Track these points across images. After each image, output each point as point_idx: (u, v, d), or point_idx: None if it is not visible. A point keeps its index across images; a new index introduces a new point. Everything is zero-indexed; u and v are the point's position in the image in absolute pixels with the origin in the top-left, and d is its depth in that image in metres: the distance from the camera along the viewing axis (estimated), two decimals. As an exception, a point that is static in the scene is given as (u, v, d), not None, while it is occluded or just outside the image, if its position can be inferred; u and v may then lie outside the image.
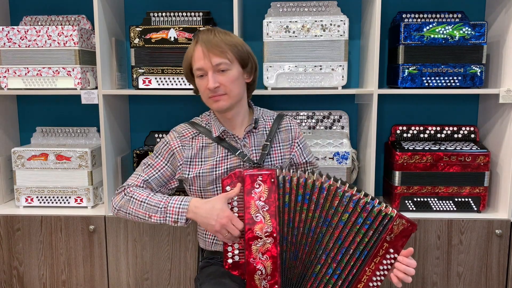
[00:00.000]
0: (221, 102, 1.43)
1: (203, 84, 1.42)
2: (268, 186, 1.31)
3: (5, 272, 2.07)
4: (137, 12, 2.26)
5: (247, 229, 1.31)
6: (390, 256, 1.31)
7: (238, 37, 1.47)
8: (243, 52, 1.44)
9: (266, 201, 1.31)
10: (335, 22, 1.95)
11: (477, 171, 1.98)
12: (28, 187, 2.10)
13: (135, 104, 2.33)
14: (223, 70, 1.40)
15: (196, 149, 1.51)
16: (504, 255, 1.96)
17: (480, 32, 1.94)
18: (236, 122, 1.52)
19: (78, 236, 2.03)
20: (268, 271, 1.32)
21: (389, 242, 1.30)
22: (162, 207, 1.39)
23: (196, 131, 1.54)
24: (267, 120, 1.58)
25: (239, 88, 1.45)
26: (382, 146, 2.25)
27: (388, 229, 1.29)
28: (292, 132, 1.59)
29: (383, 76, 2.23)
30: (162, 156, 1.52)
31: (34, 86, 2.03)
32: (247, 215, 1.31)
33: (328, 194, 1.33)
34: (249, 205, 1.31)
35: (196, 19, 2.05)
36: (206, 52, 1.38)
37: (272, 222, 1.31)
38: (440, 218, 1.96)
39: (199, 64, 1.40)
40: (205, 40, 1.40)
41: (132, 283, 2.05)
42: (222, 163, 1.49)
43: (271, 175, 1.32)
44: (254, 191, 1.31)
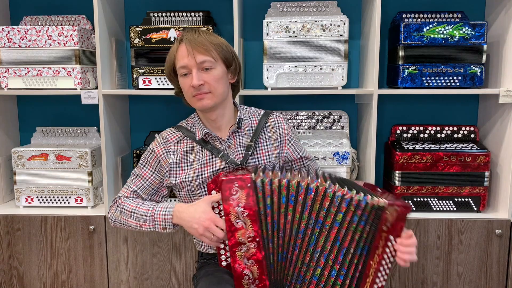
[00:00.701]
0: (205, 101, 1.40)
1: (187, 82, 1.40)
2: (246, 192, 1.28)
3: (5, 272, 2.07)
4: (137, 12, 2.26)
5: (229, 236, 1.29)
6: (392, 243, 1.28)
7: (222, 38, 1.46)
8: (227, 52, 1.43)
9: (245, 207, 1.28)
10: (335, 22, 1.95)
11: (477, 171, 1.98)
12: (28, 187, 2.10)
13: (135, 104, 2.33)
14: (207, 68, 1.38)
15: (181, 154, 1.49)
16: (504, 255, 1.96)
17: (480, 32, 1.94)
18: (221, 123, 1.50)
19: (78, 236, 2.03)
20: (256, 275, 1.31)
21: (387, 231, 1.27)
22: (150, 216, 1.41)
23: (181, 135, 1.51)
24: (253, 119, 1.55)
25: (223, 87, 1.43)
26: (382, 146, 2.25)
27: (383, 219, 1.27)
28: (280, 129, 1.55)
29: (383, 76, 2.23)
30: (149, 164, 1.51)
31: (34, 86, 2.03)
32: (228, 222, 1.29)
33: (316, 195, 1.30)
34: (229, 212, 1.29)
35: (196, 19, 2.05)
36: (191, 50, 1.37)
37: (254, 227, 1.29)
38: (440, 218, 1.96)
39: (183, 62, 1.39)
40: (190, 38, 1.39)
41: (132, 283, 2.05)
42: (208, 167, 1.47)
43: (246, 180, 1.29)
44: (232, 198, 1.28)
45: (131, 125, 2.35)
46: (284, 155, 1.55)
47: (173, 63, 1.44)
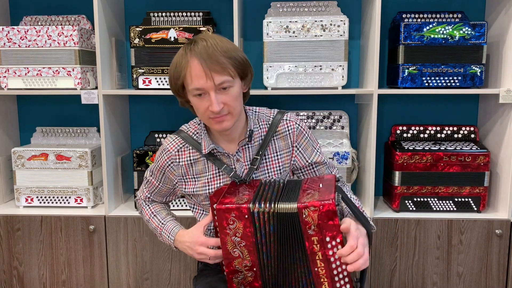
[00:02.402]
0: (225, 123, 1.30)
1: (203, 105, 1.27)
2: (243, 223, 1.21)
3: (5, 272, 2.07)
4: (137, 12, 2.26)
5: (226, 262, 1.25)
6: (332, 244, 1.18)
7: (233, 44, 1.31)
8: (242, 63, 1.29)
9: (242, 237, 1.22)
10: (335, 22, 1.95)
11: (477, 171, 1.98)
12: (28, 187, 2.10)
13: (135, 104, 2.33)
14: (225, 88, 1.25)
15: (185, 166, 1.42)
16: (504, 255, 1.96)
17: (480, 32, 1.93)
18: (234, 136, 1.40)
19: (78, 236, 2.03)
20: None
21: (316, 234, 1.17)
22: (159, 233, 1.48)
23: (182, 142, 1.42)
24: (263, 126, 1.43)
25: (240, 104, 1.33)
26: (382, 146, 2.25)
27: (303, 223, 1.17)
28: (290, 137, 1.43)
29: (383, 76, 2.23)
30: (155, 175, 1.48)
31: (34, 86, 2.03)
32: (225, 250, 1.24)
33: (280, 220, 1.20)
34: (226, 241, 1.23)
35: (196, 19, 2.05)
36: (208, 71, 1.22)
37: (251, 257, 1.23)
38: (440, 218, 1.96)
39: (199, 84, 1.24)
40: (203, 53, 1.23)
41: (132, 283, 2.05)
42: (215, 180, 1.41)
43: (243, 211, 1.20)
44: (229, 227, 1.22)
45: (131, 125, 2.35)
46: (292, 163, 1.45)
47: (182, 79, 1.28)
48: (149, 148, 2.08)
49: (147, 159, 2.04)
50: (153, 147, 2.13)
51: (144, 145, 2.23)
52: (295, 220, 1.18)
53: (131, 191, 2.31)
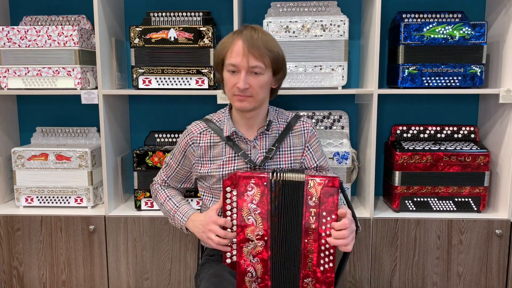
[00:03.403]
0: (245, 103, 1.42)
1: (233, 81, 1.41)
2: (261, 190, 1.31)
3: (5, 272, 2.07)
4: (137, 12, 2.26)
5: (239, 230, 1.31)
6: (327, 219, 1.28)
7: (277, 42, 1.45)
8: (279, 60, 1.43)
9: (258, 204, 1.31)
10: (335, 22, 1.95)
11: (477, 171, 1.98)
12: (28, 187, 2.10)
13: (135, 104, 2.33)
14: (256, 73, 1.39)
15: (204, 147, 1.52)
16: (504, 255, 1.96)
17: (480, 32, 1.94)
18: (254, 123, 1.52)
19: (78, 236, 2.03)
20: (259, 274, 1.32)
21: (315, 206, 1.28)
22: (172, 215, 1.55)
23: (205, 126, 1.54)
24: (281, 123, 1.57)
25: (265, 93, 1.45)
26: (382, 146, 2.25)
27: (306, 194, 1.28)
28: (304, 136, 1.56)
29: (383, 76, 2.23)
30: (176, 157, 1.59)
31: (34, 86, 2.03)
32: (239, 217, 1.31)
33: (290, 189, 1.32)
34: (242, 207, 1.31)
35: (196, 19, 2.05)
36: (246, 52, 1.37)
37: (264, 225, 1.31)
38: (440, 218, 1.96)
39: (235, 61, 1.39)
40: (248, 37, 1.38)
41: (132, 283, 2.05)
42: (229, 164, 1.50)
43: (263, 178, 1.31)
44: (246, 194, 1.31)
45: (131, 125, 2.35)
46: (302, 161, 1.56)
47: (223, 55, 1.43)
48: (149, 148, 2.08)
49: (147, 159, 2.04)
50: (153, 147, 2.13)
51: (144, 145, 2.23)
52: (300, 189, 1.30)
53: (131, 191, 2.31)
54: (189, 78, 1.99)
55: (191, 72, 1.98)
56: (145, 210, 2.06)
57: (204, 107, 2.28)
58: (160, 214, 2.01)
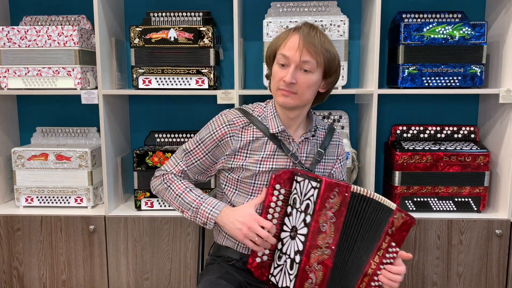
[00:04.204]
0: (288, 99, 1.37)
1: (280, 74, 1.36)
2: (341, 199, 1.28)
3: (5, 272, 2.07)
4: (137, 12, 2.26)
5: (310, 237, 1.28)
6: (392, 250, 1.31)
7: (333, 45, 1.41)
8: (333, 63, 1.38)
9: (335, 213, 1.28)
10: (335, 22, 1.95)
11: (477, 171, 1.98)
12: (28, 187, 2.10)
13: (135, 104, 2.33)
14: (306, 70, 1.35)
15: (246, 141, 1.44)
16: (504, 255, 1.96)
17: (480, 32, 1.94)
18: (295, 123, 1.47)
19: (78, 236, 2.03)
20: (318, 281, 1.30)
21: (391, 235, 1.30)
22: (195, 207, 1.41)
23: (247, 120, 1.45)
24: (321, 130, 1.55)
25: (311, 94, 1.40)
26: (382, 146, 2.25)
27: (389, 222, 1.29)
28: (339, 148, 1.56)
29: (383, 76, 2.23)
30: (205, 145, 1.46)
31: (34, 86, 2.03)
32: (315, 223, 1.27)
33: (369, 208, 1.31)
34: (320, 214, 1.27)
35: (196, 19, 2.05)
36: (301, 45, 1.32)
37: (335, 235, 1.28)
38: (440, 218, 1.96)
39: (288, 53, 1.34)
40: (306, 33, 1.34)
41: (132, 283, 2.05)
42: (268, 160, 1.44)
43: (347, 188, 1.28)
44: (328, 201, 1.27)
45: (131, 125, 2.35)
46: (332, 173, 1.55)
47: (277, 47, 1.39)
48: (149, 148, 2.08)
49: (147, 159, 2.04)
50: (153, 147, 2.13)
51: (144, 145, 2.23)
52: (387, 215, 1.30)
53: (131, 191, 2.31)
54: (189, 78, 1.99)
55: (191, 72, 1.98)
56: (145, 210, 2.06)
57: (204, 107, 2.28)
58: (160, 214, 2.00)
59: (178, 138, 2.22)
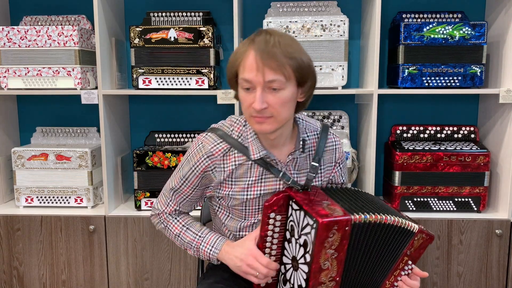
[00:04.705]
0: (265, 126, 1.21)
1: (248, 100, 1.20)
2: (341, 234, 1.17)
3: (5, 272, 2.07)
4: (137, 12, 2.26)
5: (312, 276, 1.19)
6: (408, 267, 1.30)
7: (300, 46, 1.22)
8: (303, 68, 1.19)
9: (336, 249, 1.18)
10: (335, 22, 1.95)
11: (477, 171, 1.98)
12: (28, 187, 2.10)
13: (135, 104, 2.33)
14: (275, 88, 1.17)
15: (229, 170, 1.30)
16: (504, 255, 1.96)
17: (480, 32, 1.93)
18: (279, 142, 1.31)
19: (78, 236, 2.03)
20: None
21: (409, 255, 1.28)
22: (195, 247, 1.36)
23: (227, 146, 1.30)
24: (311, 137, 1.37)
25: (288, 111, 1.22)
26: (382, 146, 2.25)
27: (410, 244, 1.26)
28: (336, 152, 1.41)
29: (383, 76, 2.23)
30: (190, 182, 1.35)
31: (34, 86, 2.03)
32: (315, 264, 1.18)
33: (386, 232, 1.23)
34: (320, 255, 1.17)
35: (196, 19, 2.05)
36: (261, 65, 1.14)
37: (338, 268, 1.21)
38: (440, 218, 1.96)
39: (249, 76, 1.17)
40: (262, 46, 1.15)
41: (132, 283, 2.05)
42: (255, 186, 1.32)
43: (348, 222, 1.16)
44: (327, 240, 1.16)
45: (131, 125, 2.35)
46: (331, 178, 1.43)
47: (236, 69, 1.22)
48: (149, 148, 2.08)
49: (147, 159, 2.04)
50: (153, 147, 2.13)
51: (144, 145, 2.23)
52: (405, 238, 1.25)
53: (131, 191, 2.31)
54: (189, 78, 1.99)
55: (191, 72, 1.98)
56: (145, 210, 2.06)
57: (204, 107, 2.28)
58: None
59: (178, 138, 2.22)
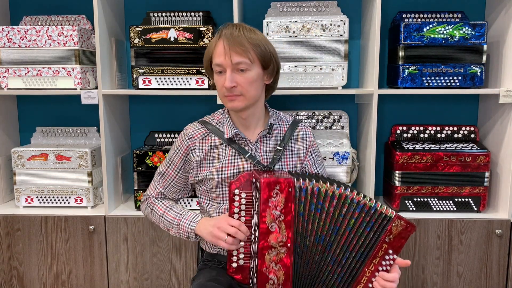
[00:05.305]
0: (236, 103, 1.40)
1: (221, 81, 1.40)
2: (285, 196, 1.26)
3: (5, 272, 2.07)
4: (137, 12, 2.26)
5: (261, 238, 1.27)
6: (389, 257, 1.31)
7: (263, 35, 1.43)
8: (266, 53, 1.40)
9: (282, 211, 1.26)
10: (335, 22, 1.95)
11: (477, 171, 1.98)
12: (28, 187, 2.10)
13: (135, 104, 2.33)
14: (242, 69, 1.37)
15: (205, 151, 1.48)
16: (504, 255, 1.96)
17: (480, 32, 1.94)
18: (251, 123, 1.49)
19: (78, 236, 2.03)
20: (280, 281, 1.29)
21: (388, 243, 1.29)
22: (176, 224, 1.47)
23: (206, 131, 1.50)
24: (282, 126, 1.54)
25: (256, 90, 1.41)
26: (382, 146, 2.25)
27: (387, 230, 1.28)
28: (306, 141, 1.55)
29: (383, 76, 2.23)
30: (174, 164, 1.52)
31: (34, 86, 2.03)
32: (262, 224, 1.26)
33: (338, 202, 1.31)
34: (265, 214, 1.26)
35: (196, 19, 2.05)
36: (228, 49, 1.35)
37: (287, 232, 1.27)
38: (440, 218, 1.96)
39: (219, 60, 1.37)
40: (228, 35, 1.36)
41: (132, 283, 2.05)
42: (229, 166, 1.46)
43: (289, 183, 1.26)
44: (271, 200, 1.26)
45: (131, 125, 2.35)
46: (304, 166, 1.55)
47: (210, 58, 1.43)
48: (149, 148, 2.08)
49: (147, 159, 2.04)
50: (153, 147, 2.13)
51: (144, 145, 2.23)
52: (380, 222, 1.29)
53: (131, 191, 2.31)
54: (189, 78, 1.99)
55: (191, 72, 1.98)
56: (145, 210, 2.06)
57: (204, 107, 2.28)
58: (160, 214, 2.00)
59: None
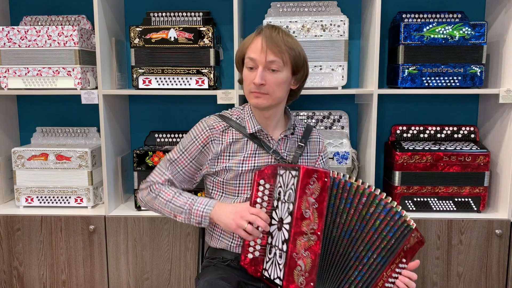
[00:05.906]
0: (261, 100, 1.43)
1: (250, 77, 1.42)
2: (321, 185, 1.31)
3: (5, 272, 2.07)
4: (137, 12, 2.27)
5: (295, 223, 1.31)
6: (402, 265, 1.33)
7: (298, 42, 1.46)
8: (299, 58, 1.43)
9: (317, 199, 1.31)
10: (335, 22, 1.95)
11: (477, 171, 1.98)
12: (28, 187, 2.10)
13: (135, 104, 2.33)
14: (273, 69, 1.40)
15: (226, 143, 1.49)
16: (504, 255, 1.96)
17: (480, 32, 1.94)
18: (271, 123, 1.52)
19: (78, 236, 2.03)
20: (307, 268, 1.31)
21: (405, 251, 1.32)
22: (187, 209, 1.46)
23: (227, 124, 1.51)
24: (299, 128, 1.60)
25: (282, 92, 1.45)
26: (382, 146, 2.25)
27: (407, 239, 1.31)
28: (319, 144, 1.61)
29: (383, 76, 2.23)
30: (189, 153, 1.51)
31: (34, 86, 2.03)
32: (298, 210, 1.31)
33: (367, 201, 1.34)
34: (302, 200, 1.31)
35: (196, 19, 2.05)
36: (265, 47, 1.38)
37: (319, 221, 1.31)
38: (440, 218, 1.96)
39: (254, 55, 1.40)
40: (268, 34, 1.40)
41: (132, 283, 2.05)
42: (250, 160, 1.49)
43: (326, 174, 1.31)
44: (308, 187, 1.31)
45: (131, 125, 2.35)
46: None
47: (244, 52, 1.45)
48: (149, 148, 2.08)
49: (147, 159, 2.04)
50: (153, 147, 2.13)
51: (144, 145, 2.23)
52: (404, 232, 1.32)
53: (131, 191, 2.31)
54: (189, 78, 1.99)
55: (191, 72, 1.98)
56: (145, 210, 2.06)
57: (204, 107, 2.28)
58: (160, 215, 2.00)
59: (178, 138, 2.22)
